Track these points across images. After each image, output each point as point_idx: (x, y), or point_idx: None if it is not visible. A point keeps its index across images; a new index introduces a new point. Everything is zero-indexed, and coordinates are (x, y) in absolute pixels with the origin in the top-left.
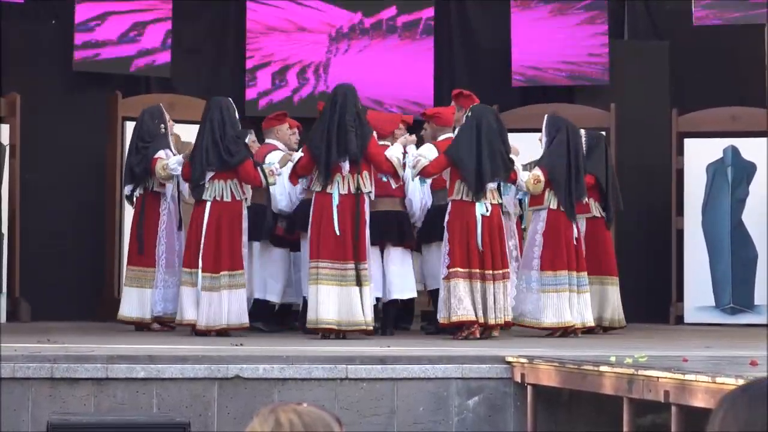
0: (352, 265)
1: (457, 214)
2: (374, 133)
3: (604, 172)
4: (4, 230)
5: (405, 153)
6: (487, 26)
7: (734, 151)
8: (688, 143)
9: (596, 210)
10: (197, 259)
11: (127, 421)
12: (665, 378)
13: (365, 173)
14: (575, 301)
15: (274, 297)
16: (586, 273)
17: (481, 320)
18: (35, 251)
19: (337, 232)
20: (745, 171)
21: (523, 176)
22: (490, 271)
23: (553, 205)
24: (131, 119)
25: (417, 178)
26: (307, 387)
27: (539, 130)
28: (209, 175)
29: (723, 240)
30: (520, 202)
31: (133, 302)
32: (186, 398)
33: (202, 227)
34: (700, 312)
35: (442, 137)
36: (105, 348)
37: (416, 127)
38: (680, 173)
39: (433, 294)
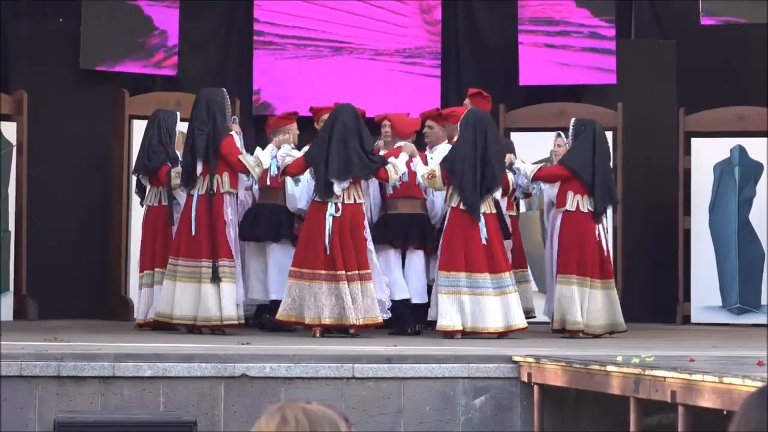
0: (207, 263)
1: (311, 214)
2: (232, 133)
3: (590, 163)
4: (11, 228)
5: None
6: (494, 25)
7: (741, 150)
8: (695, 143)
9: (582, 204)
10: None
11: (134, 419)
12: (672, 378)
13: (225, 174)
14: (476, 304)
15: None
16: (505, 273)
17: (326, 321)
18: (42, 249)
19: (193, 232)
20: (752, 170)
21: (420, 171)
22: (343, 272)
23: (454, 204)
24: (138, 117)
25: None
26: (313, 386)
27: (545, 130)
28: (143, 179)
29: (730, 239)
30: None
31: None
32: (193, 397)
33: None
34: (707, 312)
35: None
36: (112, 346)
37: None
38: (687, 173)
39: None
